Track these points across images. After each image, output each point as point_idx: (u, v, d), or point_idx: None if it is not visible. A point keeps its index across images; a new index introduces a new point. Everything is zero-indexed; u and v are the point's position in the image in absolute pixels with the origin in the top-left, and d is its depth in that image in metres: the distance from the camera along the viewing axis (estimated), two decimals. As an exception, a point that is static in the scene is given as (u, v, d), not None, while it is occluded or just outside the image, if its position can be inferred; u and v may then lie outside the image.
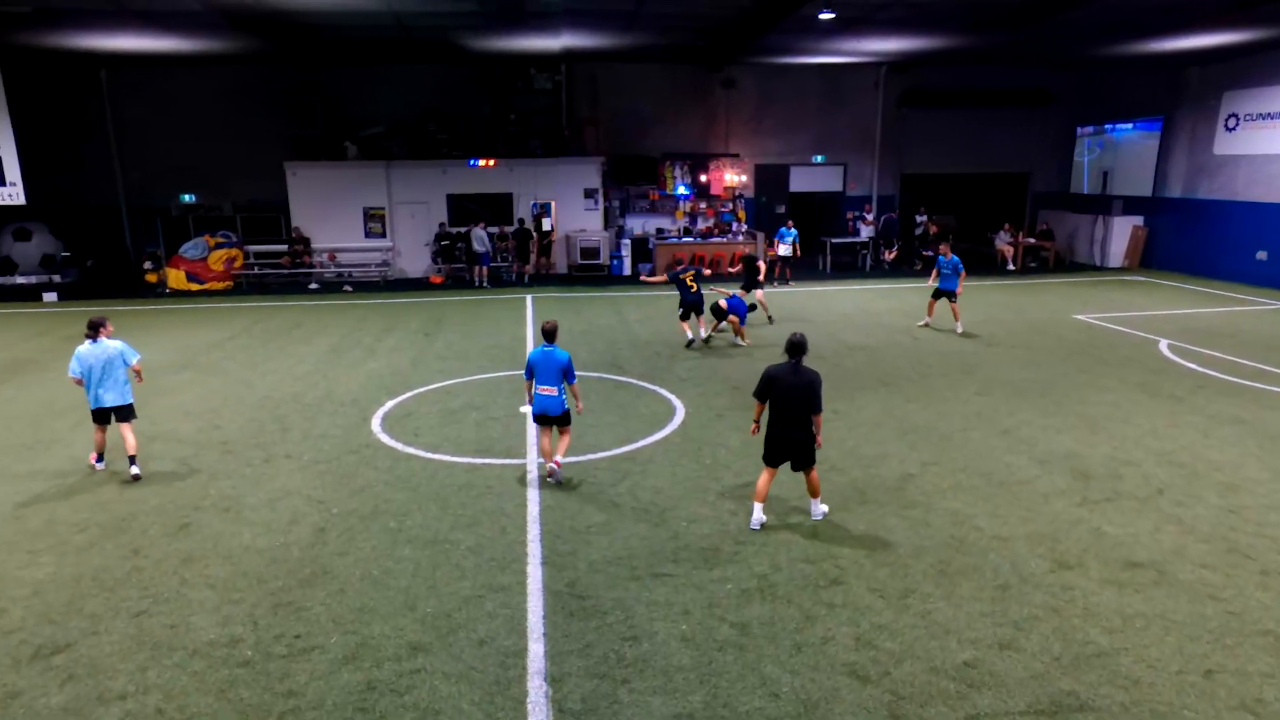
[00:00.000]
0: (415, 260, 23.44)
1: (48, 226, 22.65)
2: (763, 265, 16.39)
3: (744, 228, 24.54)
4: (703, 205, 24.94)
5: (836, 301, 18.71)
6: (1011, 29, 17.12)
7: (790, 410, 6.86)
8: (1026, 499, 7.65)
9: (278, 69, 22.07)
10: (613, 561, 6.48)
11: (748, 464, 8.54)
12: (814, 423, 6.88)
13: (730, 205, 24.96)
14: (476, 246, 21.62)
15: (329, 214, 22.70)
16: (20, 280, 21.43)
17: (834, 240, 23.93)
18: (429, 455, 8.89)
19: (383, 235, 23.16)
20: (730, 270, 17.94)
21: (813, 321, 16.16)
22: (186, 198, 23.47)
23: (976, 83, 24.57)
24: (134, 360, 8.54)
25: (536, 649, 5.33)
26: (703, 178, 24.57)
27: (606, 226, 23.97)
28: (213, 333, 15.90)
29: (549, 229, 22.87)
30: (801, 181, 25.77)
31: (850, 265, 24.05)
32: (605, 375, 12.21)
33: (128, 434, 8.43)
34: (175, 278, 21.29)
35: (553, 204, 23.08)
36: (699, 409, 10.50)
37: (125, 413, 8.44)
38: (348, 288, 21.73)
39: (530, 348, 14.00)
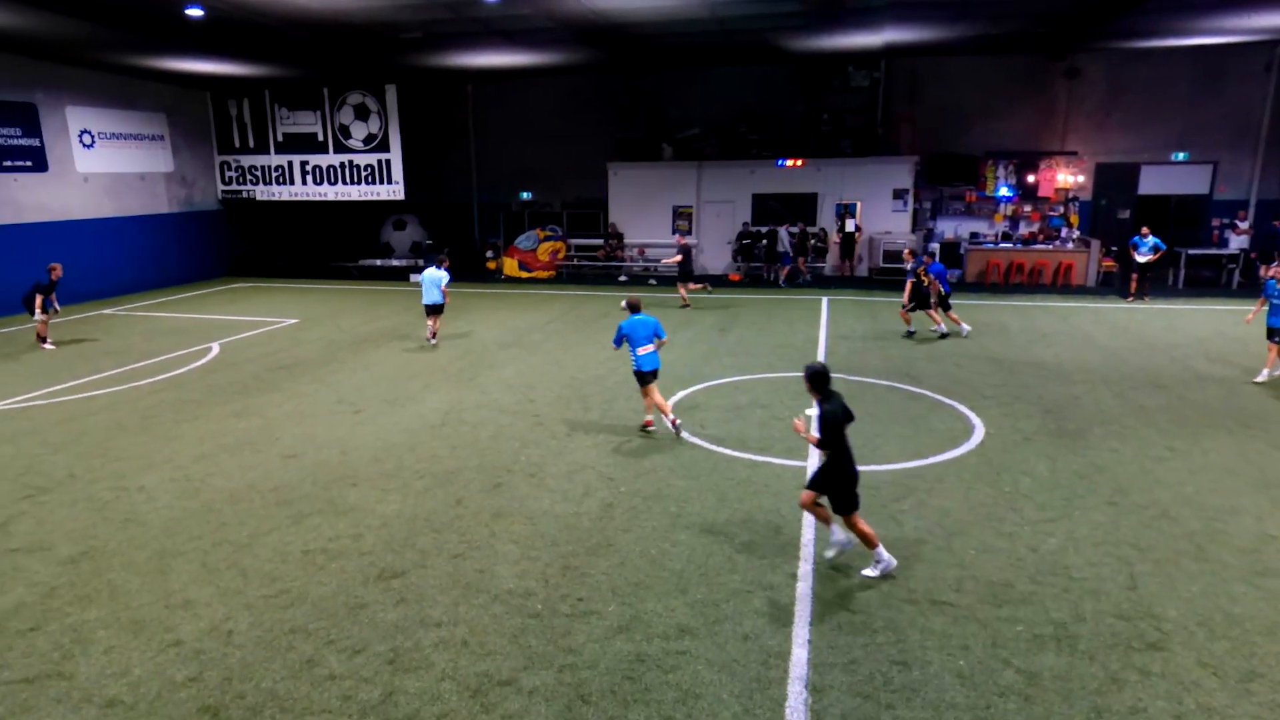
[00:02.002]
0: (716, 257, 24.17)
1: (418, 218, 26.90)
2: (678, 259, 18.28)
3: (1075, 234, 21.94)
4: (1027, 208, 22.71)
5: (1188, 322, 16.01)
6: None
7: (846, 441, 6.17)
8: None
9: (608, 76, 23.96)
10: (888, 579, 6.19)
11: (1055, 496, 7.66)
12: None
13: (1061, 209, 22.44)
14: (782, 245, 21.77)
15: (642, 211, 24.22)
16: (395, 262, 25.68)
17: (1191, 251, 20.49)
18: (712, 448, 9.14)
19: (689, 232, 24.17)
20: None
21: (1156, 344, 14.01)
22: (525, 195, 26.41)
23: None
24: (444, 284, 14.48)
25: (800, 654, 5.26)
26: (1030, 178, 22.34)
27: (914, 229, 22.81)
28: (536, 316, 17.77)
29: (853, 230, 22.29)
30: (1154, 183, 22.37)
31: (1211, 281, 20.46)
32: (897, 385, 11.65)
33: (436, 321, 14.65)
34: (509, 265, 24.10)
35: (858, 205, 22.47)
36: (1002, 430, 9.61)
37: (437, 310, 14.58)
38: (652, 281, 23.03)
39: (823, 351, 13.82)
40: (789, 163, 23.03)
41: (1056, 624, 5.57)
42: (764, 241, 22.68)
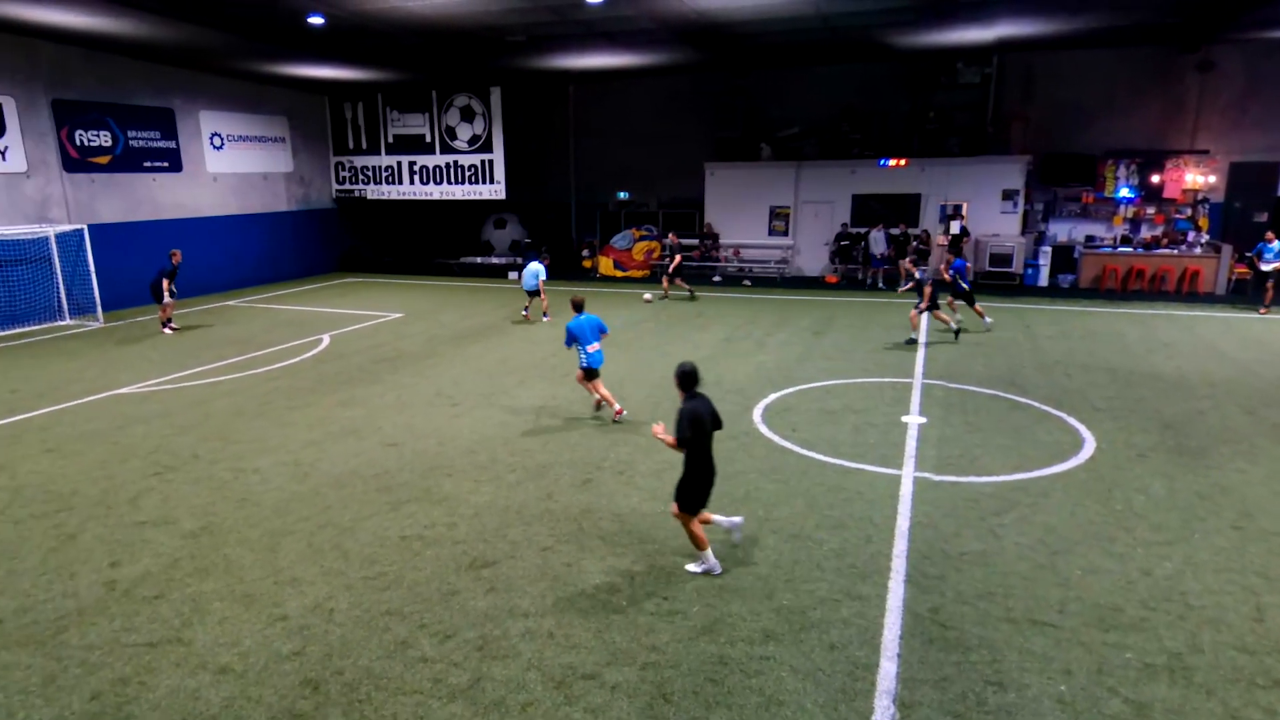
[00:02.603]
0: (813, 259, 23.77)
1: (518, 217, 27.53)
2: (679, 259, 20.04)
3: (1204, 238, 20.49)
4: (1150, 210, 21.37)
5: (1333, 336, 14.74)
6: None
7: (710, 444, 6.25)
8: None
9: (707, 76, 23.90)
10: (985, 596, 5.95)
11: (1172, 518, 7.19)
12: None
13: (1188, 211, 21.01)
14: (875, 248, 21.25)
15: (738, 211, 24.05)
16: (494, 260, 26.36)
17: (1338, 258, 18.80)
18: (803, 452, 8.99)
19: (785, 233, 23.86)
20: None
21: (1292, 358, 12.96)
22: (622, 195, 26.65)
23: None
24: (540, 279, 17.04)
25: (889, 668, 5.12)
26: (1154, 178, 21.02)
27: (1024, 231, 21.81)
28: (628, 315, 17.90)
29: (959, 232, 21.50)
30: (1297, 183, 20.64)
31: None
32: (1001, 394, 11.16)
33: (536, 301, 17.20)
34: (604, 264, 24.37)
35: (964, 206, 21.65)
36: (1116, 444, 9.08)
37: (534, 293, 17.17)
38: (747, 282, 22.85)
39: (921, 356, 13.40)
40: (891, 162, 22.42)
41: (1170, 654, 5.23)
42: (864, 244, 22.18)
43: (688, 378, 6.35)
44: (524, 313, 17.56)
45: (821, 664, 5.17)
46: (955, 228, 21.40)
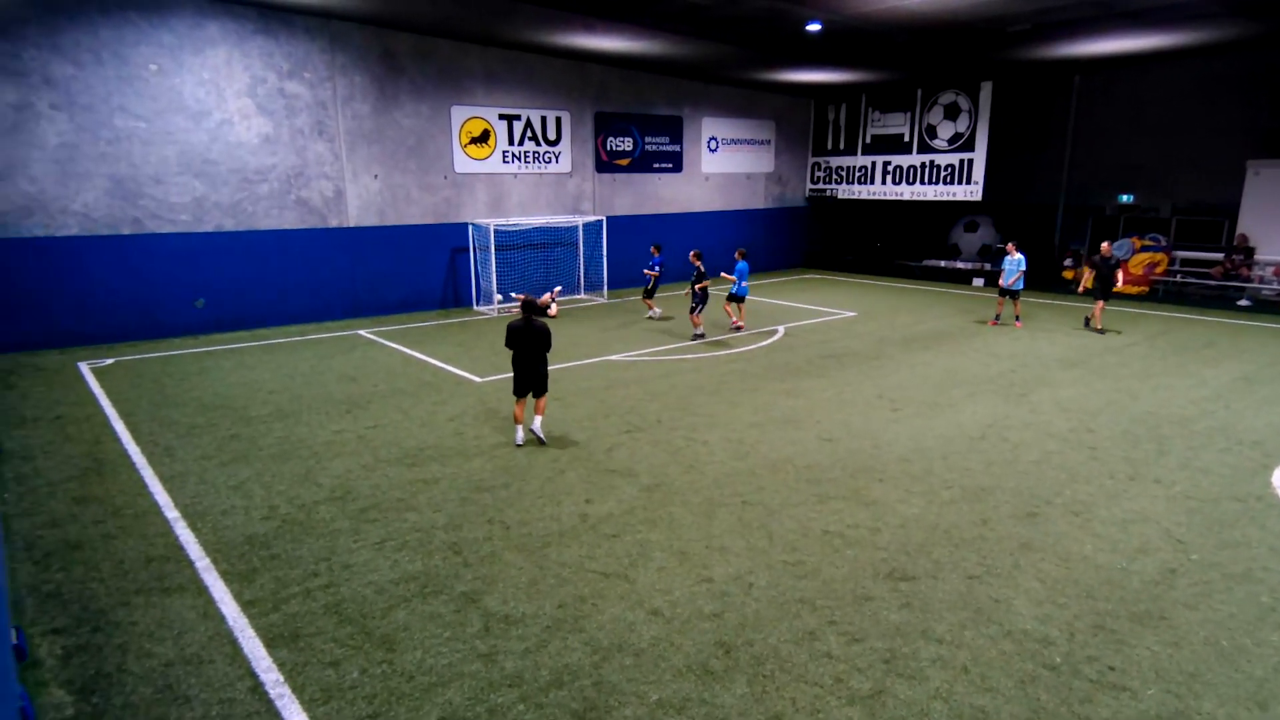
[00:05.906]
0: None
1: (992, 220, 25.65)
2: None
3: None
4: None
5: None
6: None
7: (531, 352, 9.11)
8: None
9: (1260, 54, 19.35)
10: None
11: None
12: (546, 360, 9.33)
13: None
14: None
15: (1289, 221, 19.17)
16: (959, 265, 24.96)
17: None
18: (1346, 536, 6.91)
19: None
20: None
21: None
22: (1124, 198, 23.09)
23: None
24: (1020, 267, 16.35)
25: None
26: None
27: None
28: (1112, 336, 15.56)
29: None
30: None
31: None
32: None
33: (1010, 307, 17.02)
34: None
35: None
36: None
37: (1013, 294, 16.86)
38: (1291, 311, 18.16)
39: None
40: None
41: None
42: None
43: (525, 306, 9.14)
44: (994, 320, 17.26)
45: (1330, 814, 3.97)
46: None
